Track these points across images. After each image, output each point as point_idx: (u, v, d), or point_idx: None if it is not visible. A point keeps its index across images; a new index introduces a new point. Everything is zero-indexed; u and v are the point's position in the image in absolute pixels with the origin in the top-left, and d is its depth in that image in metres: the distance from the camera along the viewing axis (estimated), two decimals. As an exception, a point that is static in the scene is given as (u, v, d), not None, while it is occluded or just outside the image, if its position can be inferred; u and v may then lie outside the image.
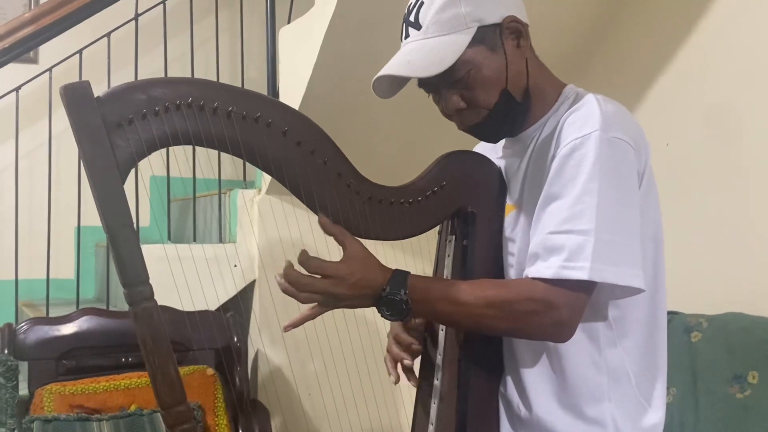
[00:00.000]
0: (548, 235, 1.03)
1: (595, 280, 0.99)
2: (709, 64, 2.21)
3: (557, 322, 1.02)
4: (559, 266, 1.00)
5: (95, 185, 0.97)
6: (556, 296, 1.01)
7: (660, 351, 1.14)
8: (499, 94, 1.11)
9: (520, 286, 1.06)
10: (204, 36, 2.96)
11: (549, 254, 1.02)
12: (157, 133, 0.99)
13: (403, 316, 1.05)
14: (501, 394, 1.18)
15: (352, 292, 1.04)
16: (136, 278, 0.99)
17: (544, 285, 1.02)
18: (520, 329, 1.07)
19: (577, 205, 1.01)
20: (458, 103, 1.13)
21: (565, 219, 1.01)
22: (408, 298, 1.04)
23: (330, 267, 1.04)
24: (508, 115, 1.14)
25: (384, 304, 1.04)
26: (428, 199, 1.15)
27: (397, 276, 1.05)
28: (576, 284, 1.00)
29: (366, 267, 1.05)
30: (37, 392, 2.06)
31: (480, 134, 1.18)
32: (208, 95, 1.01)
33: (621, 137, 1.04)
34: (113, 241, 0.98)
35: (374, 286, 1.04)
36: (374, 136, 2.43)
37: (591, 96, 1.09)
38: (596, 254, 0.99)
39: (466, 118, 1.15)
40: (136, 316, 0.99)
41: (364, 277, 1.04)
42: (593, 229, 0.99)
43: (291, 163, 1.06)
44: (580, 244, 0.99)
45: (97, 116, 0.96)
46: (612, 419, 1.09)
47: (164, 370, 1.00)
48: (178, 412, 1.01)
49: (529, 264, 1.05)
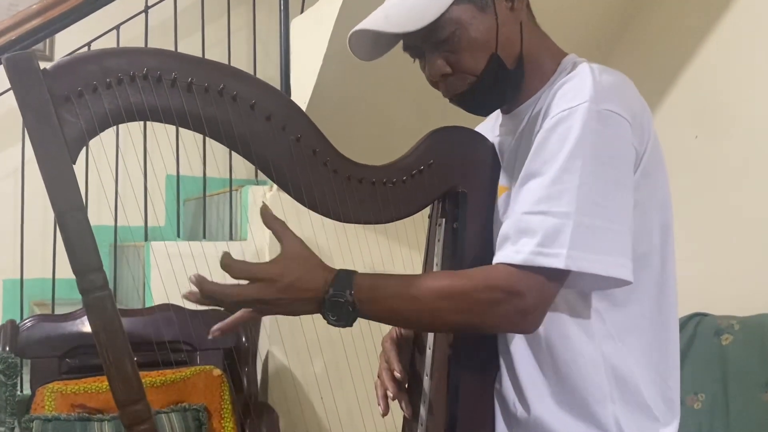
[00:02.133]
0: (522, 215, 0.92)
1: (572, 269, 0.88)
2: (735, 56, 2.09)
3: (520, 310, 0.91)
4: (530, 251, 0.89)
5: (42, 165, 0.89)
6: (521, 282, 0.90)
7: (670, 351, 1.02)
8: (487, 59, 1.01)
9: (480, 274, 0.94)
10: (218, 36, 2.90)
11: (520, 236, 0.91)
12: (109, 108, 0.91)
13: (350, 321, 0.92)
14: (496, 391, 1.07)
15: (286, 296, 0.90)
16: (87, 265, 0.91)
17: (507, 270, 0.91)
18: (480, 321, 0.94)
19: (556, 184, 0.90)
20: (443, 67, 1.02)
21: (540, 199, 0.90)
22: (354, 298, 0.91)
23: (258, 269, 0.90)
24: (497, 84, 1.03)
25: (328, 308, 0.91)
26: (414, 178, 1.05)
27: (342, 275, 0.92)
28: (548, 272, 0.89)
29: (304, 267, 0.92)
30: (38, 391, 2.01)
31: (465, 104, 1.07)
32: (166, 65, 0.93)
33: (614, 110, 0.92)
34: (62, 224, 0.90)
35: (314, 288, 0.91)
36: (387, 128, 2.34)
37: (585, 64, 0.98)
38: (574, 240, 0.88)
39: (451, 85, 1.04)
40: (89, 306, 0.91)
41: (301, 279, 0.90)
42: (572, 212, 0.88)
43: (259, 140, 0.97)
44: (556, 228, 0.88)
45: (43, 89, 0.88)
46: (616, 423, 0.97)
47: (119, 364, 0.92)
48: (134, 411, 0.93)
49: (499, 247, 0.94)
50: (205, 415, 2.09)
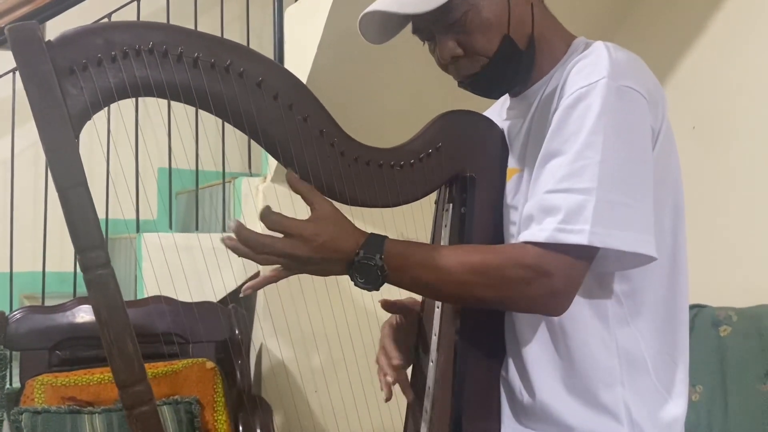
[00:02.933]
0: (544, 194, 0.91)
1: (596, 245, 0.87)
2: (733, 48, 2.09)
3: (550, 291, 0.90)
4: (554, 228, 0.88)
5: (44, 138, 0.87)
6: (549, 262, 0.88)
7: (680, 334, 1.01)
8: (499, 40, 0.99)
9: (510, 251, 0.94)
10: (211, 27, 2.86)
11: (544, 215, 0.90)
12: (114, 81, 0.89)
13: (377, 285, 0.93)
14: (502, 379, 1.05)
15: (318, 255, 0.91)
16: (90, 242, 0.88)
17: (536, 250, 0.89)
18: (508, 299, 0.94)
19: (578, 161, 0.88)
20: (454, 49, 1.01)
21: (563, 177, 0.89)
22: (384, 263, 0.91)
23: (294, 225, 0.91)
24: (510, 65, 1.02)
25: (357, 270, 0.92)
26: (422, 162, 1.03)
27: (373, 239, 0.93)
28: (573, 249, 0.88)
29: (337, 228, 0.93)
30: (28, 383, 1.98)
31: (477, 86, 1.05)
32: (172, 40, 0.91)
33: (632, 86, 0.91)
34: (64, 201, 0.88)
35: (346, 249, 0.92)
36: (382, 117, 2.33)
37: (600, 43, 0.97)
38: (597, 216, 0.86)
39: (463, 68, 1.03)
40: (90, 283, 0.89)
41: (334, 239, 0.92)
42: (595, 188, 0.87)
43: (266, 118, 0.95)
44: (579, 204, 0.87)
45: (46, 60, 0.86)
46: (625, 407, 0.96)
47: (121, 344, 0.89)
48: (136, 391, 0.90)
49: (523, 228, 0.93)
50: (197, 408, 2.07)
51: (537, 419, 1.00)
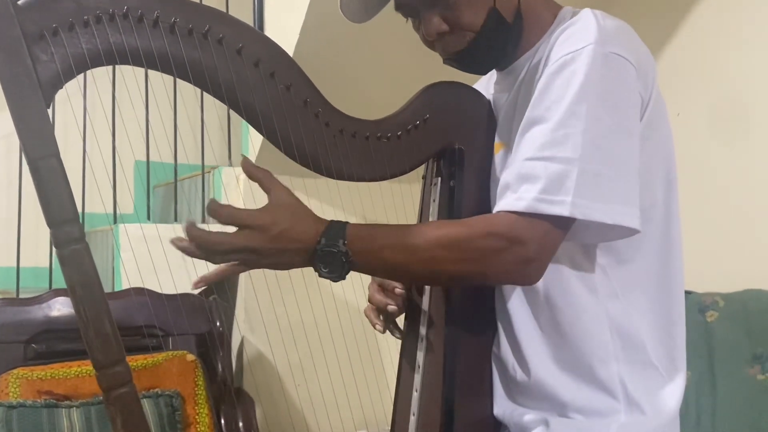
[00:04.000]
0: (524, 161, 0.87)
1: (577, 217, 0.84)
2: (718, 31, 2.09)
3: (524, 258, 0.86)
4: (533, 198, 0.85)
5: (13, 107, 0.82)
6: (523, 229, 0.85)
7: (676, 308, 0.99)
8: (486, 13, 0.96)
9: (481, 221, 0.90)
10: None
11: (521, 183, 0.87)
12: (87, 47, 0.85)
13: (343, 274, 0.87)
14: (494, 356, 1.02)
15: (276, 245, 0.85)
16: (62, 216, 0.84)
17: (509, 217, 0.86)
18: (481, 271, 0.89)
19: (560, 129, 0.85)
20: (440, 25, 0.98)
21: (544, 144, 0.86)
22: (348, 249, 0.86)
23: (247, 216, 0.85)
24: (497, 40, 0.99)
25: (320, 259, 0.86)
26: (410, 133, 1.00)
27: (334, 226, 0.88)
28: (552, 219, 0.85)
29: (294, 217, 0.87)
30: (2, 377, 1.92)
31: (464, 62, 1.02)
32: (148, 5, 0.87)
33: (620, 53, 0.88)
34: (36, 173, 0.83)
35: (305, 239, 0.86)
36: (365, 102, 2.28)
37: (588, 10, 0.94)
38: (579, 187, 0.84)
39: (449, 44, 1.00)
40: (64, 259, 0.84)
41: (292, 228, 0.85)
42: (577, 158, 0.84)
43: (246, 87, 0.91)
44: (560, 174, 0.84)
45: (14, 24, 0.82)
46: (621, 383, 0.94)
47: (97, 322, 0.85)
48: (114, 372, 0.86)
49: (499, 197, 0.90)
50: (178, 401, 2.02)
51: (531, 396, 0.97)
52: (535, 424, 0.97)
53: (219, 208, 0.84)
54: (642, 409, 0.95)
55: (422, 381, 1.02)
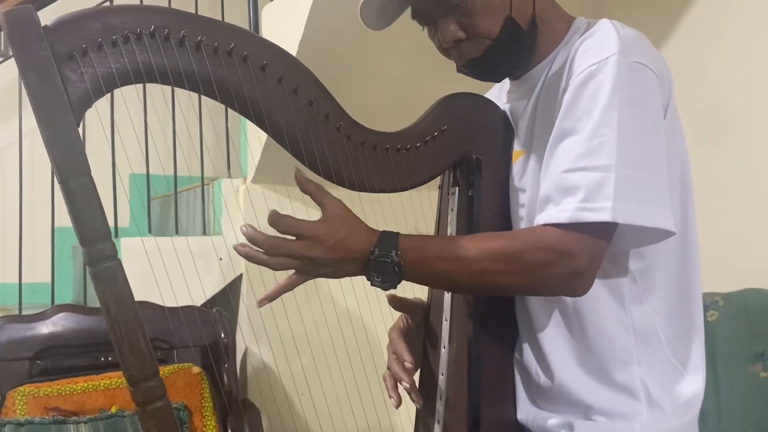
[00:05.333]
0: (562, 174, 0.90)
1: (618, 221, 0.86)
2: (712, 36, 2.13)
3: (574, 271, 0.89)
4: (575, 208, 0.87)
5: (44, 126, 0.83)
6: (571, 242, 0.88)
7: (694, 308, 1.01)
8: (502, 21, 0.99)
9: (529, 234, 0.92)
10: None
11: (563, 196, 0.89)
12: (115, 67, 0.86)
13: (395, 282, 0.90)
14: (516, 361, 1.04)
15: (333, 256, 0.89)
16: (95, 233, 0.85)
17: (556, 231, 0.88)
18: (531, 284, 0.92)
19: (594, 138, 0.88)
20: (456, 32, 1.00)
21: (580, 155, 0.88)
22: (400, 260, 0.89)
23: (306, 226, 0.88)
24: (513, 47, 1.01)
25: (373, 269, 0.89)
26: (428, 145, 1.02)
27: (386, 236, 0.91)
28: (595, 227, 0.87)
29: (350, 228, 0.90)
30: (9, 395, 1.91)
31: (480, 70, 1.04)
32: (174, 24, 0.88)
33: (642, 62, 0.91)
34: (68, 191, 0.84)
35: (360, 249, 0.90)
36: (365, 116, 2.30)
37: (606, 20, 0.97)
38: (618, 192, 0.86)
39: (465, 51, 1.02)
40: (97, 276, 0.85)
41: (347, 239, 0.89)
42: (613, 165, 0.87)
43: (271, 104, 0.93)
44: (598, 182, 0.87)
45: (44, 46, 0.83)
46: (642, 384, 0.96)
47: (131, 338, 0.86)
48: (148, 387, 0.87)
49: (540, 209, 0.92)
50: (186, 414, 2.02)
51: (554, 400, 0.99)
52: (559, 428, 0.98)
53: (279, 218, 0.87)
54: (662, 408, 0.97)
55: (447, 390, 1.04)
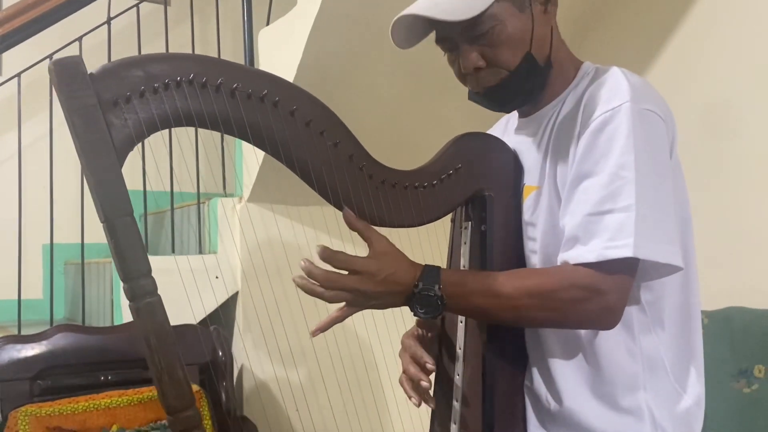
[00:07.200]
0: (588, 217, 0.97)
1: (640, 257, 0.94)
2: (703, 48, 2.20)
3: (605, 307, 0.96)
4: (602, 247, 0.95)
5: (90, 170, 0.88)
6: (601, 280, 0.95)
7: (694, 337, 1.09)
8: (522, 55, 1.06)
9: (562, 273, 0.99)
10: (180, 43, 2.86)
11: (590, 237, 0.96)
12: (157, 113, 0.91)
13: (437, 313, 0.99)
14: (526, 388, 1.11)
15: (382, 289, 0.97)
16: (137, 271, 0.90)
17: (587, 270, 0.96)
18: (565, 319, 1.00)
19: (615, 181, 0.95)
20: (477, 60, 1.06)
21: (603, 198, 0.96)
22: (442, 293, 0.97)
23: (359, 262, 0.97)
24: (528, 81, 1.08)
25: (417, 301, 0.98)
26: (443, 182, 1.08)
27: (429, 271, 0.99)
28: (620, 264, 0.95)
29: (396, 263, 0.99)
30: (10, 415, 1.93)
31: (494, 98, 1.11)
32: (211, 72, 0.94)
33: (652, 109, 0.99)
34: (111, 231, 0.89)
35: (405, 282, 0.98)
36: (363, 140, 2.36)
37: (615, 68, 1.05)
38: (638, 230, 0.94)
39: (484, 79, 1.08)
40: (139, 311, 0.90)
41: (395, 273, 0.98)
42: (634, 204, 0.94)
43: (299, 145, 0.99)
44: (621, 222, 0.94)
45: (90, 94, 0.88)
46: (648, 408, 1.03)
47: (171, 370, 0.91)
48: (187, 417, 0.92)
49: (567, 248, 0.99)
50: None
51: (564, 425, 1.06)
52: (567, 450, 1.05)
53: (333, 254, 0.96)
54: (665, 429, 1.04)
55: (461, 415, 1.09)
